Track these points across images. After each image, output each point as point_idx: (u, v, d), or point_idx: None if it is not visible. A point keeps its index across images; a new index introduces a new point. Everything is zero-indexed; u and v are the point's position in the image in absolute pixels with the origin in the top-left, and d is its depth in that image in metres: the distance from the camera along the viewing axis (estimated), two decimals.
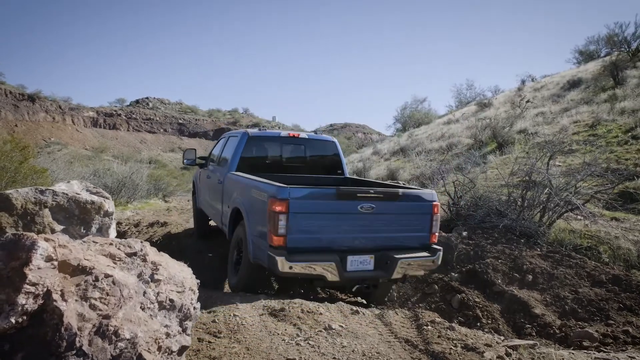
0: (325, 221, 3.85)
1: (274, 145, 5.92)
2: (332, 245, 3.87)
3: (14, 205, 2.02)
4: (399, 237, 4.16)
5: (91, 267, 1.55)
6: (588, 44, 34.97)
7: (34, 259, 1.40)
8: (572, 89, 20.65)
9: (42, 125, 46.13)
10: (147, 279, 1.70)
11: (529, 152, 11.58)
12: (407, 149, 20.74)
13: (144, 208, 11.68)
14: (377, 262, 3.99)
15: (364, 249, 3.99)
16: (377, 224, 4.05)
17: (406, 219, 4.20)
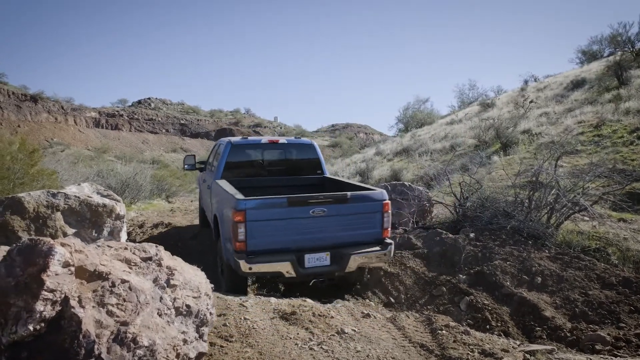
0: (281, 226, 4.33)
1: (257, 151, 6.43)
2: (289, 246, 4.36)
3: (26, 209, 1.99)
4: (353, 234, 4.60)
5: (107, 272, 1.52)
6: (591, 44, 34.84)
7: (51, 265, 1.38)
8: (575, 89, 20.58)
9: (44, 126, 46.22)
10: (163, 284, 1.67)
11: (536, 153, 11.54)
12: (410, 149, 20.70)
13: (147, 209, 11.66)
14: (333, 258, 4.47)
15: (320, 247, 4.46)
16: (330, 224, 4.50)
17: (358, 217, 4.63)
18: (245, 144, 6.30)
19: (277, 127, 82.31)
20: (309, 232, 4.43)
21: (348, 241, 4.59)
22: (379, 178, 16.19)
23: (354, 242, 4.60)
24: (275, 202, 4.32)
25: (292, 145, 6.55)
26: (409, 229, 6.46)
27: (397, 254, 5.61)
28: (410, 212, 6.78)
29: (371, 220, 4.67)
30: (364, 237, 4.66)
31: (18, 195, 2.00)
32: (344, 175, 20.58)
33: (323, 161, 6.55)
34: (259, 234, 4.22)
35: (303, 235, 4.41)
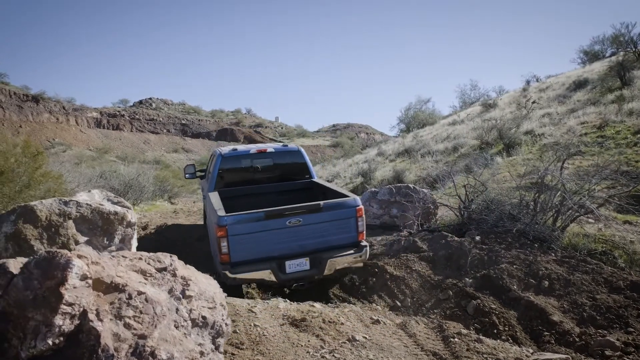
0: (260, 237, 4.66)
1: (246, 160, 6.72)
2: (270, 255, 4.71)
3: (38, 217, 1.98)
4: (330, 239, 4.94)
5: (124, 284, 1.51)
6: (593, 44, 34.78)
7: (69, 278, 1.37)
8: (578, 90, 20.54)
9: (46, 126, 46.28)
10: (179, 295, 1.66)
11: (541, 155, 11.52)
12: (412, 150, 20.68)
13: (150, 210, 11.66)
14: (312, 262, 4.84)
15: (300, 253, 4.82)
16: (307, 232, 4.82)
17: (333, 224, 4.94)
18: (235, 155, 6.60)
19: (278, 127, 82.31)
20: (288, 241, 4.78)
21: (326, 246, 4.92)
22: (381, 179, 16.18)
23: (332, 246, 4.94)
24: (253, 217, 4.64)
25: (279, 153, 6.80)
26: (414, 232, 6.44)
27: (403, 257, 5.60)
28: (415, 215, 6.77)
29: (346, 226, 4.99)
30: (341, 241, 4.98)
31: (30, 203, 1.99)
32: (346, 175, 20.59)
33: (310, 166, 6.82)
34: (241, 246, 4.56)
35: (282, 244, 4.76)
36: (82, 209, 2.10)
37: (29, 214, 1.98)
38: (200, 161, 49.72)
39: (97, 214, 2.15)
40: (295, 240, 4.81)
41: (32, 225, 1.96)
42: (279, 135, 78.37)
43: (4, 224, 1.93)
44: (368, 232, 7.06)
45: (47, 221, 1.99)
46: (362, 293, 5.22)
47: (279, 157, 6.82)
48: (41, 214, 1.99)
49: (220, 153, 6.55)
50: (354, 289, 5.36)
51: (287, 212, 4.73)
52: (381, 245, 6.25)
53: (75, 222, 2.08)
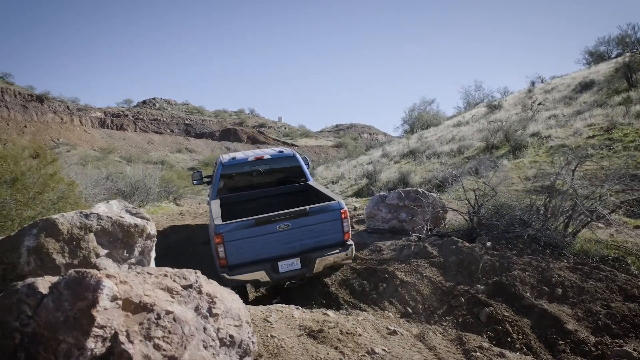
0: (254, 241, 5.13)
1: (245, 166, 7.18)
2: (264, 257, 5.20)
3: (60, 231, 1.97)
4: (318, 240, 5.39)
5: (152, 303, 1.50)
6: (598, 45, 34.64)
7: (100, 300, 1.36)
8: (584, 91, 20.43)
9: (50, 126, 46.43)
10: (205, 314, 1.65)
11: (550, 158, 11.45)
12: (417, 151, 20.63)
13: (157, 212, 11.67)
14: (303, 262, 5.30)
15: (291, 254, 5.28)
16: (297, 234, 5.29)
17: (320, 226, 5.39)
18: (234, 163, 7.09)
19: (281, 128, 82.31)
20: (279, 243, 5.26)
21: (314, 246, 5.38)
22: (386, 180, 16.14)
23: (320, 246, 5.40)
24: (246, 224, 5.12)
25: (275, 158, 7.22)
26: (424, 237, 6.41)
27: (413, 263, 5.58)
28: (424, 219, 6.74)
29: (333, 227, 5.44)
30: (328, 241, 5.43)
31: (52, 217, 1.98)
32: (351, 177, 20.56)
33: (306, 169, 7.22)
34: (236, 250, 5.07)
35: (274, 246, 5.24)
36: (102, 222, 2.09)
37: (51, 228, 1.97)
38: (203, 161, 49.78)
39: (117, 226, 2.14)
40: (286, 243, 5.28)
41: (54, 239, 1.94)
42: (282, 135, 78.35)
43: (26, 238, 1.92)
44: (377, 236, 7.04)
45: (69, 234, 1.98)
46: (372, 299, 5.19)
47: (275, 163, 7.26)
48: (63, 228, 1.97)
49: (221, 162, 7.05)
50: (364, 295, 5.34)
51: (275, 218, 5.21)
52: (391, 250, 6.22)
53: (96, 235, 2.07)
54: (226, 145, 65.01)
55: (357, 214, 9.89)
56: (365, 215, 7.47)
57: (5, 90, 44.71)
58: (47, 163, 4.62)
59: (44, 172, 4.52)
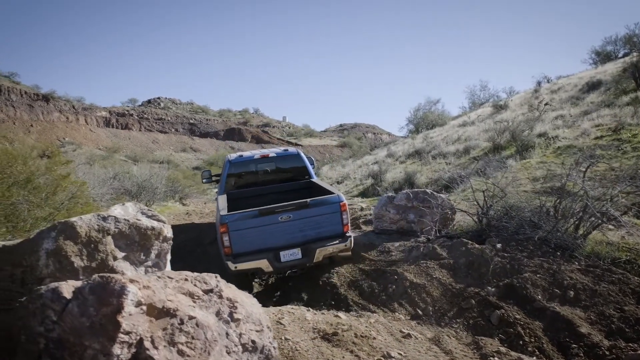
0: (257, 231, 5.40)
1: (251, 164, 7.49)
2: (267, 246, 5.43)
3: (78, 234, 1.97)
4: (318, 231, 5.63)
5: (175, 308, 1.49)
6: (605, 45, 34.40)
7: (125, 306, 1.35)
8: (591, 91, 20.28)
9: (56, 125, 46.69)
10: (227, 318, 1.63)
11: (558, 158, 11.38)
12: (422, 151, 20.57)
13: (163, 212, 11.69)
14: (304, 252, 5.55)
15: (292, 245, 5.53)
16: (298, 225, 5.54)
17: (320, 218, 5.64)
18: (241, 160, 7.40)
19: (285, 127, 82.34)
20: (281, 234, 5.50)
21: (315, 237, 5.62)
22: (392, 181, 16.09)
23: (320, 237, 5.64)
24: (250, 214, 5.40)
25: (280, 157, 7.56)
26: (432, 238, 6.38)
27: (423, 264, 5.55)
28: (432, 221, 6.71)
29: (332, 219, 5.68)
30: (328, 233, 5.67)
31: (70, 220, 1.98)
32: (356, 177, 20.53)
33: (310, 167, 7.50)
34: (241, 239, 5.33)
35: (276, 237, 5.49)
36: (120, 225, 2.08)
37: (69, 230, 1.97)
38: (208, 161, 49.88)
39: (134, 229, 2.14)
40: (288, 233, 5.52)
41: (72, 242, 1.94)
42: (286, 135, 78.38)
43: (45, 241, 1.92)
44: (385, 237, 7.01)
45: (87, 237, 1.98)
46: (382, 300, 5.17)
47: (280, 161, 7.60)
48: (81, 230, 1.97)
49: (229, 159, 7.35)
50: (373, 296, 5.32)
51: (278, 210, 5.48)
52: (399, 251, 6.19)
53: (114, 237, 2.06)
54: (230, 144, 65.14)
55: (364, 215, 9.86)
56: (373, 216, 7.44)
57: (11, 89, 45.00)
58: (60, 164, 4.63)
59: (57, 173, 4.53)
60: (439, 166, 16.80)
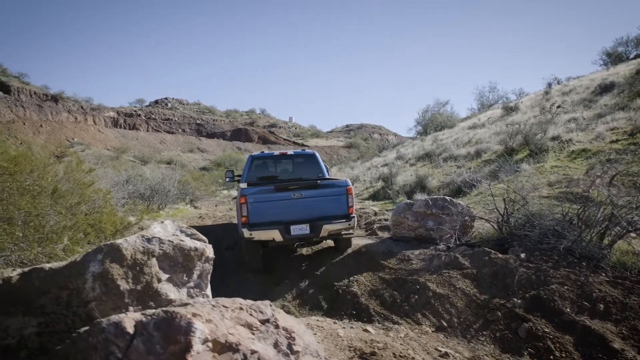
0: (272, 205, 6.15)
1: (271, 160, 8.38)
2: (279, 220, 6.14)
3: (124, 257, 1.93)
4: (326, 210, 6.33)
5: (237, 342, 1.44)
6: (617, 46, 34.05)
7: (194, 344, 1.31)
8: (604, 94, 20.03)
9: (65, 126, 47.00)
10: (286, 351, 1.59)
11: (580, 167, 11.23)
12: (432, 154, 20.45)
13: (176, 215, 11.69)
14: (311, 228, 6.23)
15: (302, 220, 6.22)
16: (308, 204, 6.26)
17: (328, 199, 6.37)
18: (262, 156, 8.17)
19: (292, 128, 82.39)
20: (293, 210, 6.21)
21: (323, 215, 6.31)
22: (403, 184, 15.99)
23: (328, 216, 6.32)
24: (266, 189, 6.23)
25: (297, 155, 8.39)
26: (453, 246, 6.31)
27: (445, 274, 5.48)
28: (452, 228, 6.65)
29: (339, 200, 6.38)
30: (335, 212, 6.36)
31: (116, 242, 1.94)
32: (366, 179, 20.45)
33: (323, 166, 8.06)
34: (257, 211, 6.07)
35: (289, 212, 6.20)
36: (164, 246, 2.04)
37: (115, 253, 1.93)
38: (215, 161, 49.98)
39: (178, 250, 2.09)
40: (299, 210, 6.23)
41: (118, 265, 1.90)
42: (293, 135, 78.40)
43: (92, 264, 1.88)
44: (403, 244, 6.95)
45: (132, 260, 1.94)
46: (404, 311, 5.11)
47: (297, 158, 8.36)
48: (127, 253, 1.93)
49: (252, 155, 8.14)
50: (395, 306, 5.26)
51: (291, 187, 6.30)
52: (420, 259, 6.13)
53: (158, 259, 2.02)
54: (237, 145, 65.26)
55: (378, 220, 9.79)
56: (391, 222, 7.38)
57: (21, 89, 45.38)
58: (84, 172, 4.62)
59: (80, 181, 4.51)
60: (450, 169, 16.67)
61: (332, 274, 6.47)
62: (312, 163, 8.05)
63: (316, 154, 8.25)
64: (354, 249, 7.03)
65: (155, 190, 11.55)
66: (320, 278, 6.44)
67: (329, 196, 6.38)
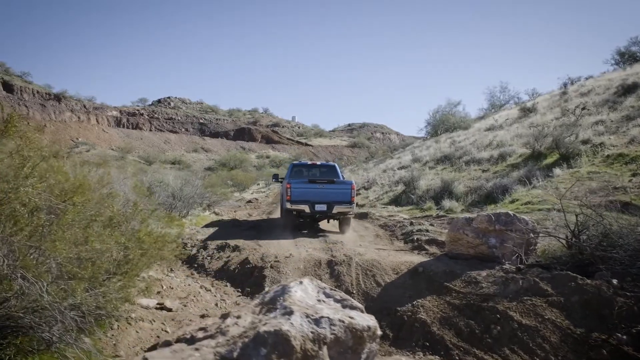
0: (305, 191, 9.82)
1: (305, 167, 12.22)
2: (309, 200, 9.79)
3: (293, 349, 1.43)
4: (337, 197, 9.90)
5: None
6: (630, 45, 33.54)
7: None
8: (627, 95, 19.44)
9: (69, 125, 46.40)
10: None
11: (632, 175, 10.70)
12: (452, 156, 19.92)
13: (199, 224, 11.16)
14: (328, 207, 9.81)
15: (322, 202, 9.81)
16: (327, 192, 9.89)
17: (339, 190, 9.99)
18: (300, 164, 12.38)
19: (295, 127, 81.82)
20: (318, 195, 9.85)
21: (335, 200, 9.88)
22: (426, 188, 15.47)
23: (338, 201, 9.89)
24: (303, 181, 10.19)
25: (323, 165, 12.22)
26: (522, 267, 5.79)
27: (527, 302, 4.95)
28: (515, 245, 6.15)
29: (345, 193, 10.03)
30: (343, 199, 9.93)
31: (282, 329, 1.43)
32: (384, 183, 19.91)
33: (339, 172, 11.88)
34: (296, 193, 9.81)
35: (315, 196, 9.84)
36: (335, 329, 1.54)
37: (283, 345, 1.43)
38: (220, 161, 49.36)
39: (349, 332, 1.59)
40: (321, 195, 9.87)
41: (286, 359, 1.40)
42: (296, 135, 77.87)
43: None
44: (462, 262, 6.43)
45: (302, 351, 1.44)
46: (487, 344, 4.59)
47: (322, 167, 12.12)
48: (296, 343, 1.43)
49: (292, 163, 12.27)
50: (475, 338, 4.75)
51: (317, 181, 10.22)
52: (490, 282, 5.60)
53: (328, 346, 1.52)
54: (241, 144, 64.72)
55: (417, 230, 9.26)
56: (447, 238, 6.87)
57: (24, 89, 44.75)
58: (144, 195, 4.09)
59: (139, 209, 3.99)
60: (475, 173, 16.14)
61: (390, 297, 5.97)
62: (332, 170, 11.82)
63: (336, 165, 12.17)
64: (409, 268, 6.51)
65: (179, 198, 11.01)
66: (378, 301, 5.94)
67: (340, 190, 10.04)
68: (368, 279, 6.50)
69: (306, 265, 6.96)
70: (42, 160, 2.85)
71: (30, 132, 3.11)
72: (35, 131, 3.18)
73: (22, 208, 2.68)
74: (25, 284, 2.36)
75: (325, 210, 9.82)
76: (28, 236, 2.54)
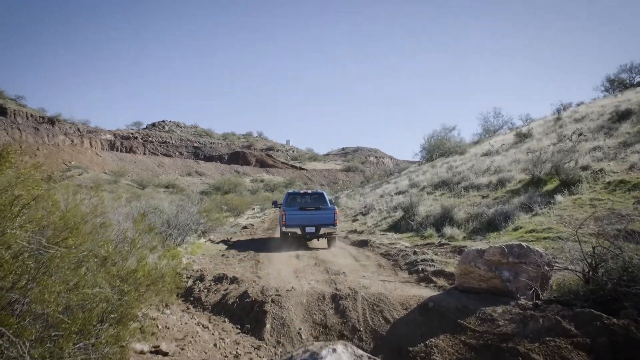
0: (296, 216, 12.36)
1: (299, 195, 14.11)
2: (300, 223, 12.27)
3: None
4: (323, 220, 12.36)
5: None
6: (620, 72, 34.22)
7: None
8: (622, 121, 19.58)
9: (62, 149, 45.90)
10: None
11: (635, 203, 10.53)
12: (449, 182, 19.78)
13: (196, 252, 10.74)
14: (316, 229, 12.25)
15: (311, 225, 12.27)
16: (314, 217, 12.40)
17: (325, 215, 12.48)
18: (294, 193, 14.21)
19: (289, 151, 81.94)
20: (307, 219, 12.25)
21: (321, 223, 12.24)
22: (426, 214, 15.19)
23: (324, 223, 12.24)
24: (294, 208, 12.66)
25: (313, 193, 14.33)
26: (540, 303, 5.49)
27: (551, 343, 4.62)
28: (531, 279, 5.86)
29: (330, 216, 12.40)
30: (327, 222, 12.31)
31: None
32: (382, 208, 19.64)
33: (327, 199, 13.73)
34: (289, 218, 12.22)
35: (305, 220, 12.24)
36: None
37: None
38: (214, 185, 48.94)
39: None
40: (310, 220, 12.23)
41: None
42: (291, 158, 77.89)
43: None
44: (473, 296, 6.11)
45: None
46: None
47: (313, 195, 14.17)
48: None
49: (288, 192, 14.14)
50: None
51: (307, 208, 12.71)
52: (506, 320, 5.27)
53: None
54: (236, 168, 64.43)
55: (421, 260, 8.93)
56: (458, 270, 6.57)
57: (17, 112, 44.43)
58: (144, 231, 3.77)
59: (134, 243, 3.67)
60: (475, 199, 15.93)
61: (400, 335, 5.60)
62: (321, 198, 13.79)
63: (324, 193, 14.35)
64: (419, 303, 6.17)
65: (174, 225, 10.62)
66: (388, 340, 5.57)
67: (325, 214, 12.42)
68: (375, 314, 6.13)
69: (309, 299, 6.58)
70: (33, 200, 2.54)
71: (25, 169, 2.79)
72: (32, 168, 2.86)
73: (6, 252, 2.36)
74: (5, 344, 2.02)
75: (314, 232, 12.15)
76: (10, 285, 2.21)
